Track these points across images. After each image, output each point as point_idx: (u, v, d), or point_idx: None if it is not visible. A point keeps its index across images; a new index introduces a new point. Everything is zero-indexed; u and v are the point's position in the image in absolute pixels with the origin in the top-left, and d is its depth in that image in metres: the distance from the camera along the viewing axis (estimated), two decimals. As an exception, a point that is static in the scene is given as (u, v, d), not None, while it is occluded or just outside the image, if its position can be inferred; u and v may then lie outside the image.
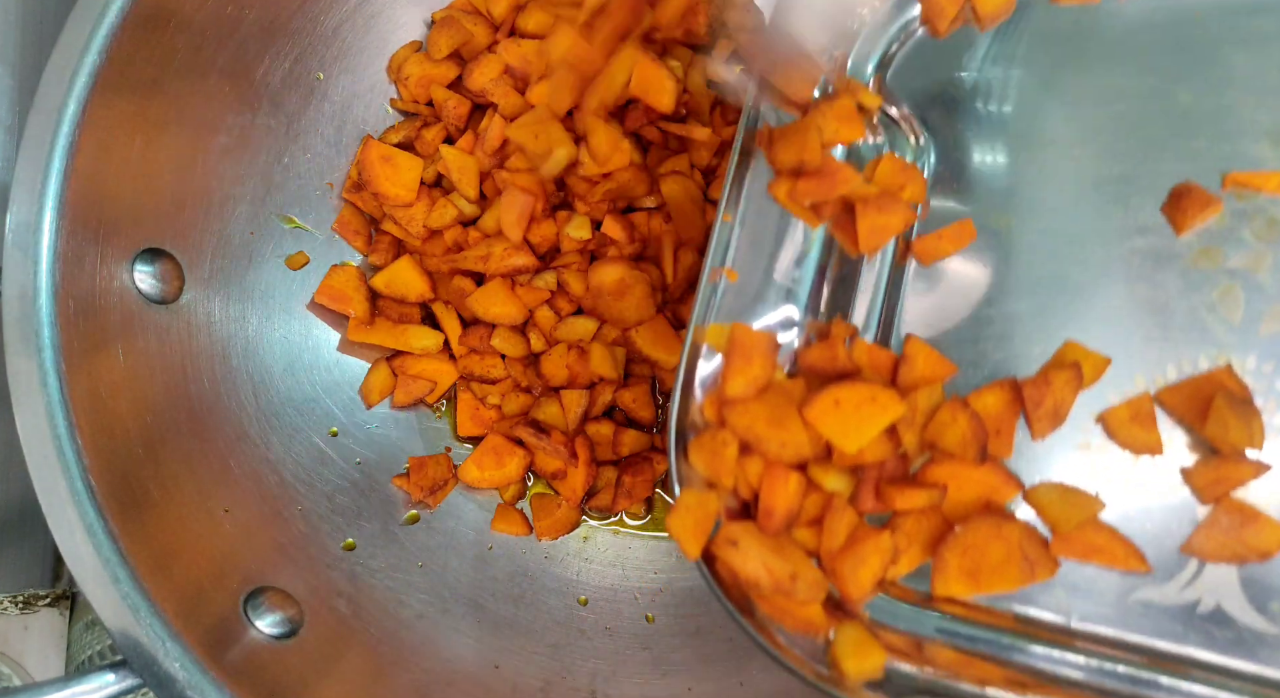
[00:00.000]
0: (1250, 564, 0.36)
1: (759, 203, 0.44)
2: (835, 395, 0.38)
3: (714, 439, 0.40)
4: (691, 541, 0.39)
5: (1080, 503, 0.38)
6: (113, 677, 0.41)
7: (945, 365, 0.41)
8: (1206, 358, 0.39)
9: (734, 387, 0.40)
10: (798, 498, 0.39)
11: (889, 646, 0.38)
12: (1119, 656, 0.37)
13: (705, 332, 0.42)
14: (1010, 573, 0.37)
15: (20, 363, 0.43)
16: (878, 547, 0.38)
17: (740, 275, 0.43)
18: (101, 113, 0.45)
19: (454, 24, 0.57)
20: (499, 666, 0.53)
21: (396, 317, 0.58)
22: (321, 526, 0.54)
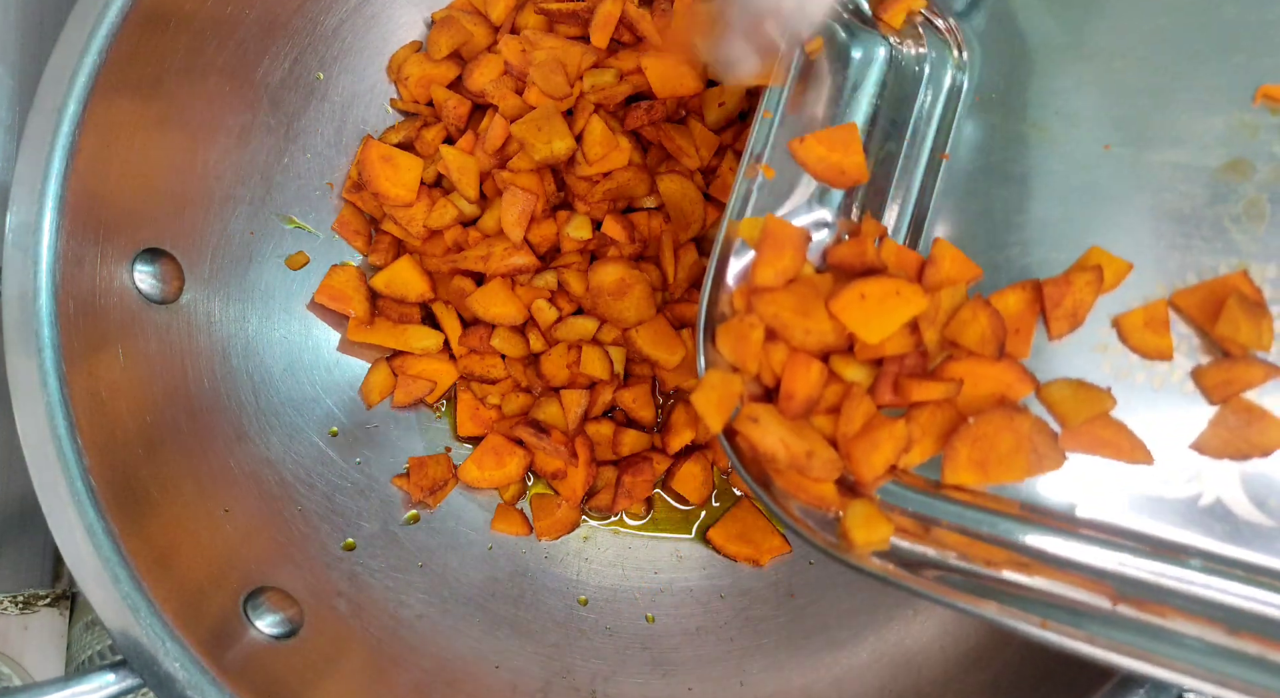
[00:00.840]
0: (1252, 461, 0.37)
1: (801, 100, 0.44)
2: (861, 289, 0.39)
3: (741, 324, 0.41)
4: (714, 415, 0.40)
5: (1092, 398, 0.39)
6: (113, 677, 0.41)
7: (971, 267, 0.42)
8: (1227, 266, 0.39)
9: (764, 276, 0.41)
10: (819, 386, 0.40)
11: (898, 527, 0.40)
12: (1120, 543, 0.38)
13: (739, 226, 0.43)
14: (1018, 464, 0.39)
15: (20, 363, 0.43)
16: (892, 434, 0.39)
17: (776, 173, 0.44)
18: (101, 113, 0.45)
19: (454, 24, 0.57)
20: (499, 666, 0.53)
21: (396, 317, 0.58)
22: (321, 526, 0.54)
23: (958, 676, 0.49)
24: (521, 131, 0.53)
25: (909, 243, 0.45)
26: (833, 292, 0.40)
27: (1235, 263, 0.39)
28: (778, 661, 0.54)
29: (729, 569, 0.58)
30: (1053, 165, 0.43)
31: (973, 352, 0.40)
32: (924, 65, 0.46)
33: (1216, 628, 0.35)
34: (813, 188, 0.44)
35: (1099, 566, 0.38)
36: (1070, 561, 0.38)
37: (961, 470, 0.39)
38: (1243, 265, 0.39)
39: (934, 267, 0.41)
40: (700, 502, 0.59)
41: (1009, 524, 0.39)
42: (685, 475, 0.57)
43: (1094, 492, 0.39)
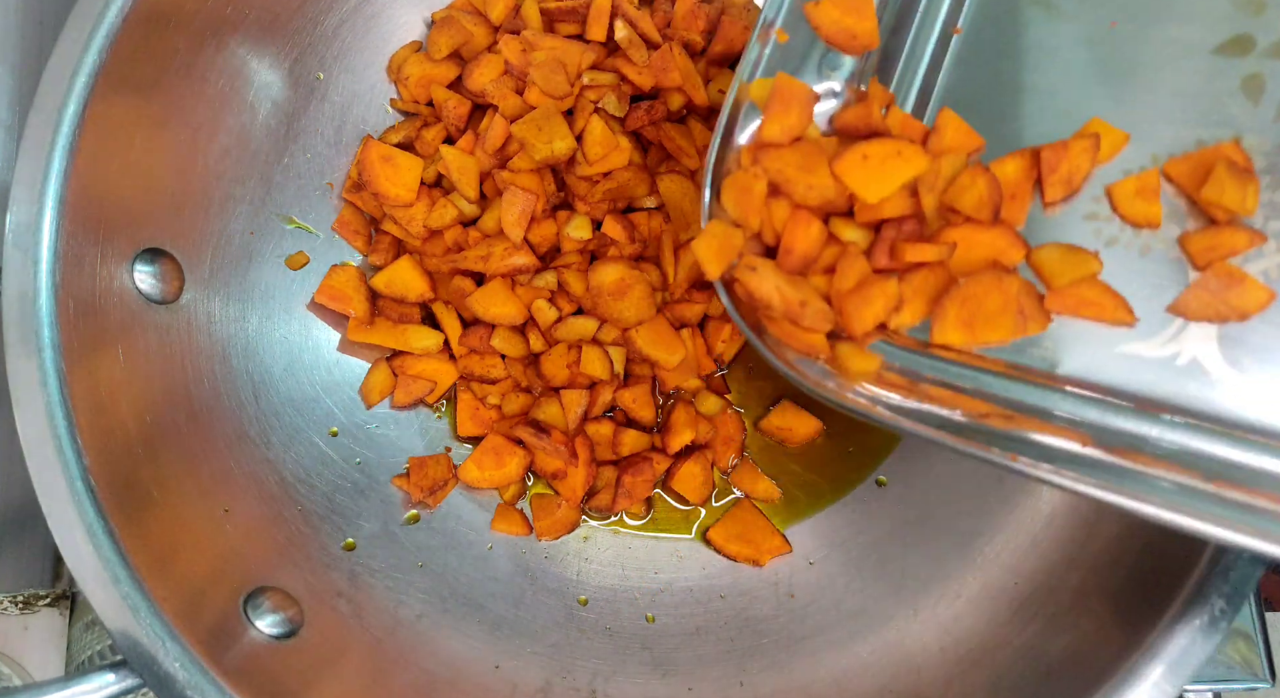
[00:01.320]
0: (1229, 324, 0.38)
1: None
2: (863, 150, 0.41)
3: (745, 176, 0.42)
4: (713, 262, 0.41)
5: (1078, 261, 0.40)
6: (113, 677, 0.41)
7: (973, 137, 0.43)
8: (1221, 139, 0.40)
9: (770, 131, 0.42)
10: (818, 244, 0.41)
11: (888, 382, 0.41)
12: (1099, 398, 0.39)
13: (749, 87, 0.44)
14: (1004, 324, 0.40)
15: (20, 363, 0.43)
16: (884, 291, 0.40)
17: (790, 37, 0.45)
18: (101, 113, 0.45)
19: (454, 24, 0.57)
20: (499, 666, 0.53)
21: (396, 317, 0.58)
22: (321, 526, 0.54)
23: (958, 676, 0.49)
24: (522, 131, 0.53)
25: (915, 113, 0.45)
26: (836, 153, 0.41)
27: (1229, 135, 0.40)
28: (778, 661, 0.54)
29: (729, 569, 0.58)
30: (1059, 41, 0.44)
31: (969, 217, 0.41)
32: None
33: (1191, 475, 0.36)
34: (824, 54, 0.45)
35: (1077, 416, 0.39)
36: (1049, 411, 0.39)
37: (950, 330, 0.40)
38: (1236, 137, 0.40)
39: (937, 135, 0.42)
40: (700, 502, 0.59)
41: (993, 380, 0.40)
42: (685, 475, 0.57)
43: (1076, 352, 0.40)
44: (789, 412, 0.59)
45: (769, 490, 0.59)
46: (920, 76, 0.46)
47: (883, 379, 0.41)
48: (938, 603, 0.53)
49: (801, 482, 0.59)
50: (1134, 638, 0.43)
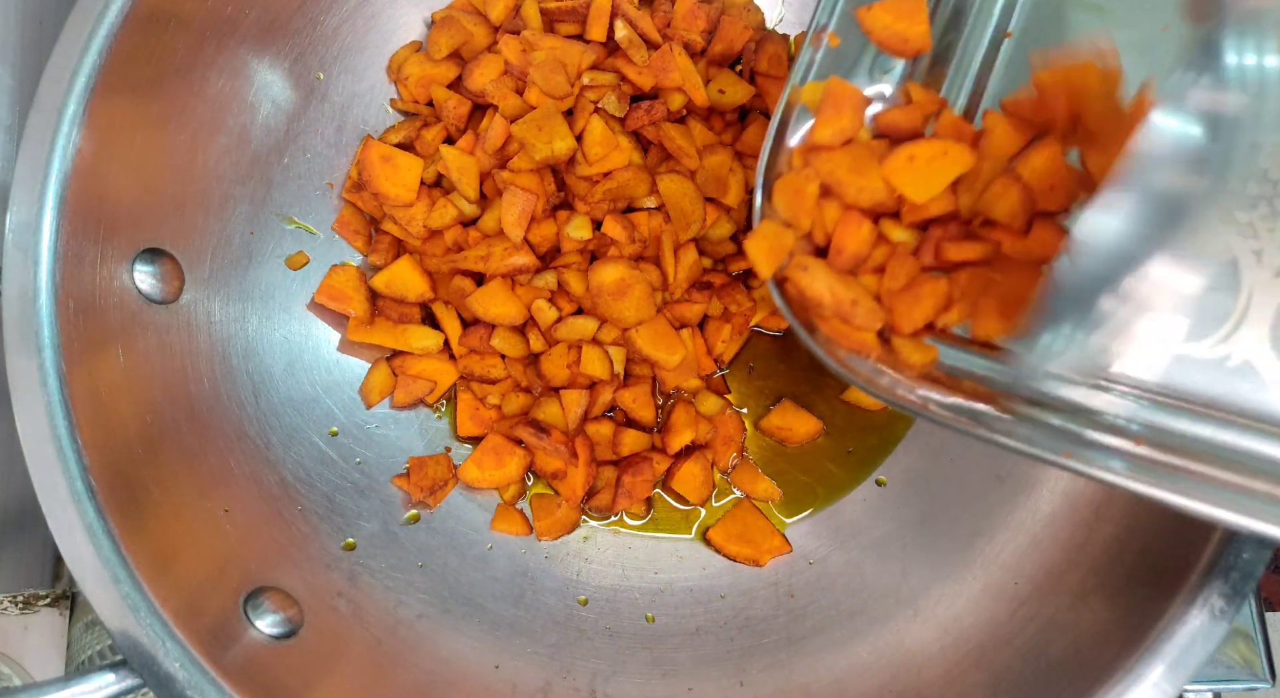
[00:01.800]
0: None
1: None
2: (910, 151, 0.42)
3: (797, 178, 0.43)
4: (765, 262, 0.42)
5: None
6: (113, 677, 0.41)
7: (1021, 140, 0.42)
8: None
9: (822, 134, 0.43)
10: (868, 244, 0.42)
11: (938, 381, 0.41)
12: (1148, 398, 0.39)
13: (802, 91, 0.45)
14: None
15: (20, 363, 0.43)
16: (934, 290, 0.41)
17: (841, 40, 0.45)
18: (101, 113, 0.45)
19: (454, 24, 0.57)
20: (499, 666, 0.53)
21: (396, 317, 0.58)
22: (321, 526, 0.54)
23: (958, 676, 0.49)
24: (522, 132, 0.53)
25: (966, 116, 0.45)
26: (884, 154, 0.42)
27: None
28: (778, 661, 0.54)
29: (729, 569, 0.58)
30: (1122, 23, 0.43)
31: (1003, 224, 0.41)
32: None
33: (1242, 474, 0.36)
34: (875, 58, 0.45)
35: (1129, 416, 0.39)
36: (1101, 411, 0.39)
37: (989, 322, 0.41)
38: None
39: (987, 137, 0.42)
40: (700, 502, 0.59)
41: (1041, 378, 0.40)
42: (685, 475, 0.57)
43: (1128, 353, 0.39)
44: (789, 412, 0.59)
45: (769, 490, 0.59)
46: (971, 80, 0.46)
47: (933, 378, 0.41)
48: (938, 603, 0.53)
49: (802, 482, 0.59)
50: (1134, 638, 0.43)
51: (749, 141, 0.57)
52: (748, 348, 0.61)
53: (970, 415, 0.40)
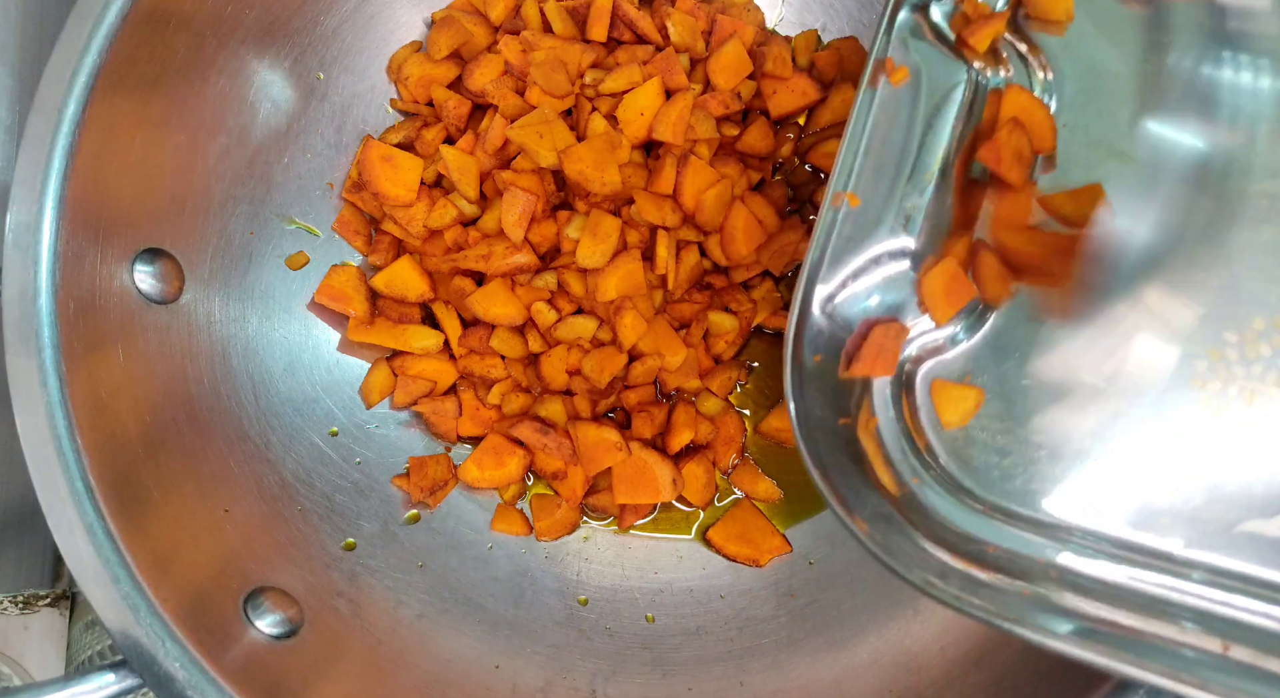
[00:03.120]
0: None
1: (884, 130, 0.45)
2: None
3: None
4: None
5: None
6: (113, 677, 0.41)
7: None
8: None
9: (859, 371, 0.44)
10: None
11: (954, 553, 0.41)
12: (1218, 581, 0.38)
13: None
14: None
15: (20, 363, 0.43)
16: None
17: (862, 200, 0.44)
18: (101, 113, 0.45)
19: (454, 24, 0.57)
20: (499, 666, 0.53)
21: (396, 317, 0.58)
22: (321, 525, 0.54)
23: (958, 676, 0.49)
24: (522, 137, 0.53)
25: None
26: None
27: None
28: (778, 661, 0.54)
29: (729, 569, 0.58)
30: (1140, 199, 0.42)
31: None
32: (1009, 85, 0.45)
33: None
34: (899, 215, 0.45)
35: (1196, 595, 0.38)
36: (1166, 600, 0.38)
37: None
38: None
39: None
40: (703, 504, 0.58)
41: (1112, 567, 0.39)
42: (686, 476, 0.57)
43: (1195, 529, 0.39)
44: (789, 412, 0.59)
45: (769, 491, 0.59)
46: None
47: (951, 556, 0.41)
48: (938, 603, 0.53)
49: (802, 482, 0.59)
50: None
51: (750, 142, 0.57)
52: (748, 348, 0.61)
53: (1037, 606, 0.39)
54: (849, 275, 0.44)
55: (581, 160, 0.52)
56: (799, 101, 0.58)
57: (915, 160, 0.45)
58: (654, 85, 0.54)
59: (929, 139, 0.45)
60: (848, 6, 0.61)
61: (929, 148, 0.45)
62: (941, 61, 0.45)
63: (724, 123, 0.57)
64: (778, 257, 0.57)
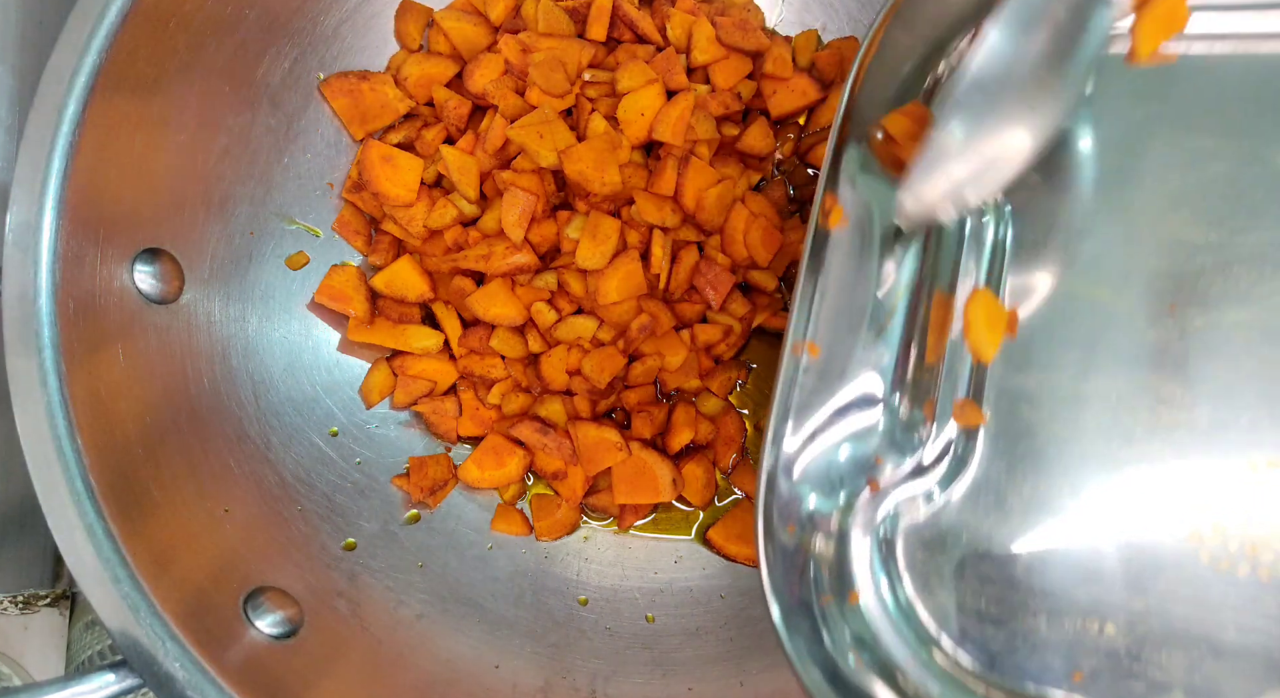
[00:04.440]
0: None
1: (840, 272, 0.42)
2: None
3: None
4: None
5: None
6: (113, 677, 0.41)
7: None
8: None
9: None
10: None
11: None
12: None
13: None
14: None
15: (20, 363, 0.43)
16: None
17: (823, 349, 0.42)
18: (101, 113, 0.45)
19: (454, 24, 0.57)
20: (499, 666, 0.53)
21: (396, 317, 0.58)
22: (321, 525, 0.54)
23: (958, 676, 0.49)
24: (522, 137, 0.53)
25: (972, 396, 0.42)
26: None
27: None
28: (778, 661, 0.54)
29: (729, 569, 0.58)
30: (1111, 334, 0.40)
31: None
32: (963, 221, 0.44)
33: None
34: (862, 363, 0.42)
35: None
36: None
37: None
38: None
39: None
40: (703, 504, 0.58)
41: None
42: (686, 476, 0.57)
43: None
44: (789, 412, 0.59)
45: (769, 491, 0.59)
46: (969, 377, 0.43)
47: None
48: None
49: (801, 482, 0.59)
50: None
51: (750, 143, 0.57)
52: (748, 348, 0.61)
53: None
54: (815, 431, 0.42)
55: (581, 160, 0.52)
56: (799, 101, 0.58)
57: (875, 303, 0.43)
58: (655, 86, 0.54)
59: (888, 277, 0.43)
60: (848, 6, 0.61)
61: (890, 287, 0.43)
62: (893, 195, 0.43)
63: (724, 123, 0.57)
64: (779, 258, 0.57)
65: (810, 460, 0.42)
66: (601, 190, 0.53)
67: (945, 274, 0.44)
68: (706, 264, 0.56)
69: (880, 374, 0.43)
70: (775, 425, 0.41)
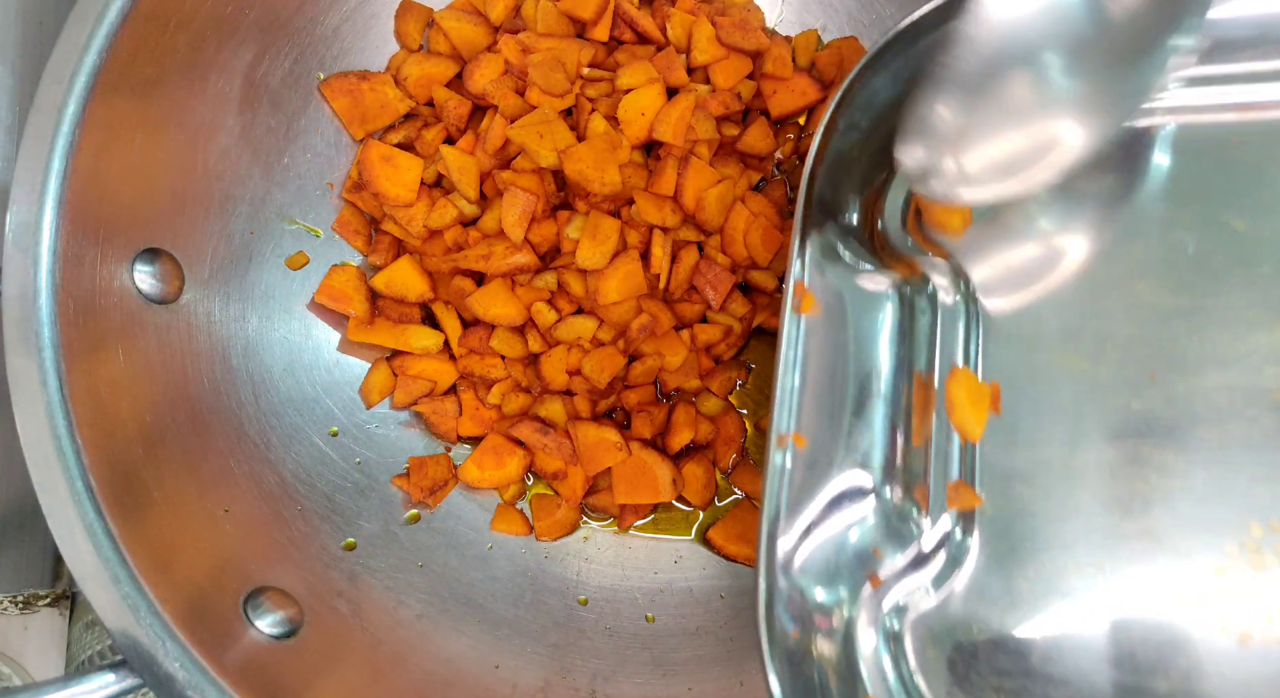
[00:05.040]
0: None
1: (818, 360, 0.42)
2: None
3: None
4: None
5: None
6: (113, 677, 0.41)
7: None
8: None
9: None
10: None
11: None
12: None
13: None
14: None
15: (20, 363, 0.43)
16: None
17: (809, 440, 0.41)
18: (101, 113, 0.45)
19: (454, 24, 0.57)
20: (499, 666, 0.53)
21: (396, 317, 0.58)
22: (321, 526, 0.54)
23: (958, 676, 0.49)
24: (522, 137, 0.53)
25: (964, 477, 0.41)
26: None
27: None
28: (778, 661, 0.54)
29: (729, 569, 0.58)
30: (1096, 404, 0.40)
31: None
32: (934, 300, 0.44)
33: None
34: (850, 453, 0.41)
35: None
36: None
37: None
38: None
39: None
40: (703, 504, 0.58)
41: None
42: (686, 476, 0.57)
43: None
44: (789, 412, 0.59)
45: (769, 491, 0.59)
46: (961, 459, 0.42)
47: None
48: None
49: (801, 482, 0.59)
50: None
51: (750, 143, 0.57)
52: (748, 348, 0.61)
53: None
54: (810, 525, 0.41)
55: (581, 160, 0.52)
56: (799, 101, 0.58)
57: (856, 388, 0.42)
58: (656, 85, 0.54)
59: (866, 363, 0.43)
60: (848, 6, 0.61)
61: (869, 372, 0.42)
62: (863, 278, 0.43)
63: (724, 123, 0.57)
64: (779, 258, 0.57)
65: (808, 556, 0.40)
66: (601, 190, 0.53)
67: (923, 355, 0.43)
68: (706, 264, 0.56)
69: (869, 462, 0.42)
70: (769, 520, 0.40)
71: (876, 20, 0.60)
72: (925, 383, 0.43)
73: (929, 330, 0.43)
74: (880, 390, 0.43)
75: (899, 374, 0.43)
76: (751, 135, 0.57)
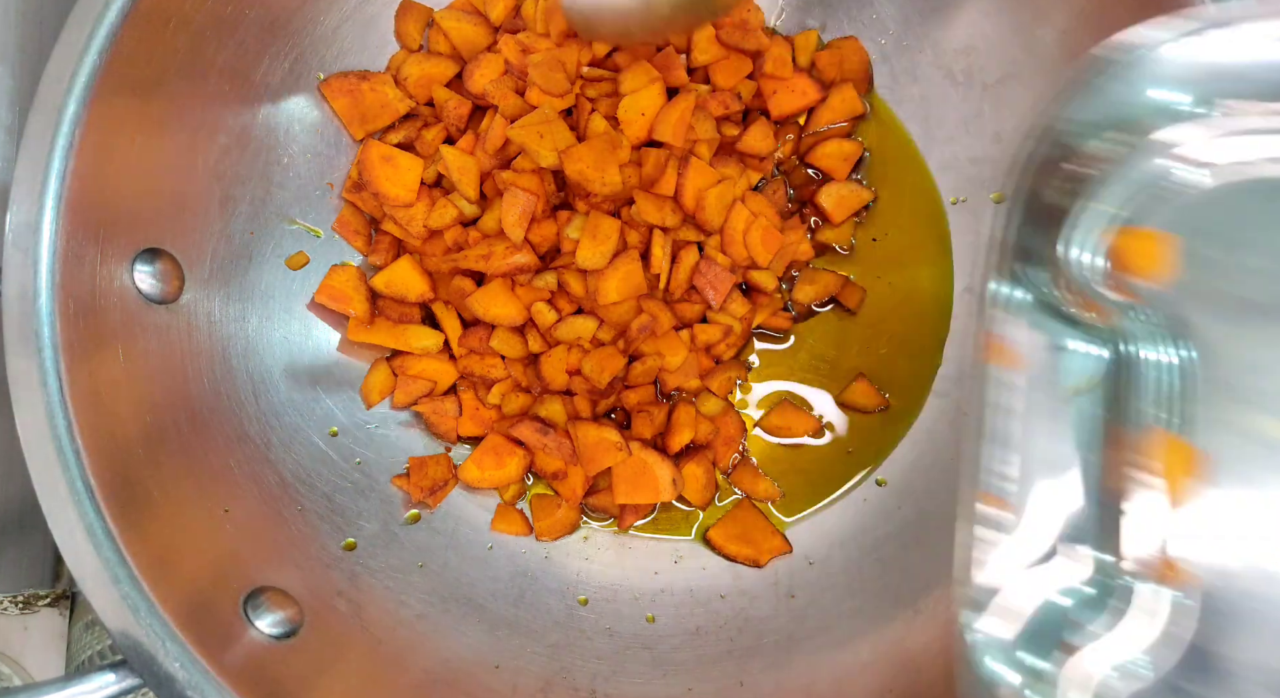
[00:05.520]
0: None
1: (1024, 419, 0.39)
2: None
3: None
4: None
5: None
6: (113, 677, 0.41)
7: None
8: None
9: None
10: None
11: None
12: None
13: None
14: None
15: (20, 363, 0.43)
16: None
17: (1010, 504, 0.38)
18: (101, 113, 0.45)
19: (454, 24, 0.57)
20: (499, 666, 0.53)
21: (396, 317, 0.58)
22: (321, 526, 0.54)
23: (958, 676, 0.49)
24: (522, 137, 0.53)
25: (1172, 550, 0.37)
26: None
27: None
28: (778, 661, 0.54)
29: (729, 569, 0.58)
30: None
31: None
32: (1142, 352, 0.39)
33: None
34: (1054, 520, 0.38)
35: None
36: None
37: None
38: None
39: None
40: (703, 504, 0.59)
41: None
42: (686, 476, 0.57)
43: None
44: (789, 412, 0.59)
45: (769, 490, 0.59)
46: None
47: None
48: (938, 603, 0.53)
49: (801, 482, 0.59)
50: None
51: (750, 143, 0.57)
52: (747, 348, 0.61)
53: None
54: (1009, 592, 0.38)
55: (581, 160, 0.52)
56: (799, 101, 0.58)
57: (1062, 451, 0.39)
58: (656, 85, 0.54)
59: (1067, 418, 0.39)
60: (848, 6, 0.61)
61: (1074, 433, 0.39)
62: (1061, 329, 0.39)
63: (724, 123, 0.57)
64: (779, 259, 0.57)
65: (1005, 626, 0.38)
66: (601, 190, 0.53)
67: (1128, 413, 0.39)
68: (706, 264, 0.56)
69: (1072, 527, 0.39)
70: (967, 591, 0.37)
71: (876, 20, 0.60)
72: (1130, 444, 0.39)
73: (1136, 389, 0.40)
74: (1084, 454, 0.39)
75: (1105, 436, 0.40)
76: (751, 135, 0.57)
